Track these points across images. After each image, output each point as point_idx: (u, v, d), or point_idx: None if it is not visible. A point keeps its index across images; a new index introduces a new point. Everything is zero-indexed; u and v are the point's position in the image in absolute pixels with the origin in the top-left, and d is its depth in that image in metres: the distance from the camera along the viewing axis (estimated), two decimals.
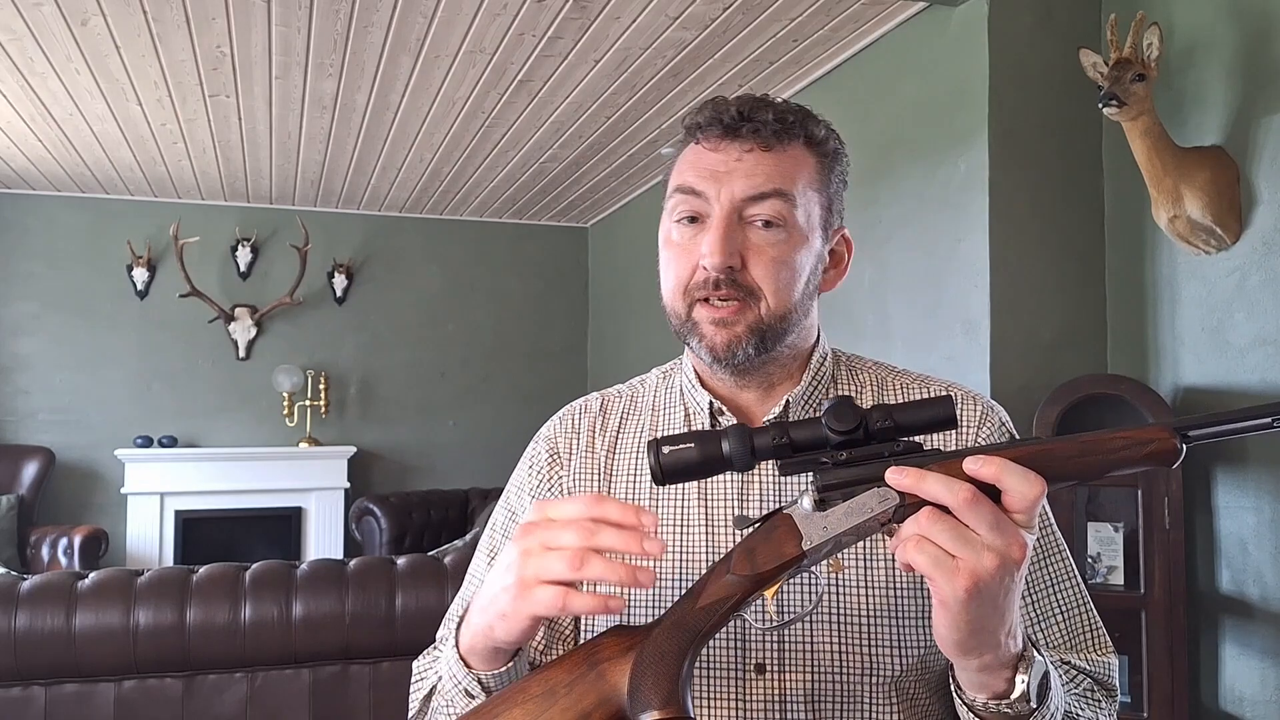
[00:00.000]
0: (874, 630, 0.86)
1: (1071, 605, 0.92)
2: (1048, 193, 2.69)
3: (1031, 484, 0.66)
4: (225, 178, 5.10)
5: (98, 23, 3.09)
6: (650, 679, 0.70)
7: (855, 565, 0.88)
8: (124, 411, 5.46)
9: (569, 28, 3.11)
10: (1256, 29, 2.28)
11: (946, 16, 2.82)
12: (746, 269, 0.88)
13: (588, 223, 6.25)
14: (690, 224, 0.90)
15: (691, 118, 0.93)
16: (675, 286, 0.91)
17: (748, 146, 0.88)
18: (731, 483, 0.93)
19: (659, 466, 0.71)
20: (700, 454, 0.71)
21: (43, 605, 2.00)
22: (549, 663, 0.75)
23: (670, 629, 0.72)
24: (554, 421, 1.04)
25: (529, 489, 1.00)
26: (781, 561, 0.71)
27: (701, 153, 0.90)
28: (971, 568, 0.64)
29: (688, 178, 0.90)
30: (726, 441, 0.71)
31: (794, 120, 0.90)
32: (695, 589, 0.73)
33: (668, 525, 0.93)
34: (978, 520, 0.65)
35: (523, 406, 5.93)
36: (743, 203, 0.88)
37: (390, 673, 2.18)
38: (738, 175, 0.88)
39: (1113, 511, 2.49)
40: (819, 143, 0.92)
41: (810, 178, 0.91)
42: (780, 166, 0.89)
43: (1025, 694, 0.71)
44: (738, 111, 0.89)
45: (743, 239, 0.88)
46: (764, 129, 0.88)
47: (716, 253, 0.86)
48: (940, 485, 0.65)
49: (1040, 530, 0.92)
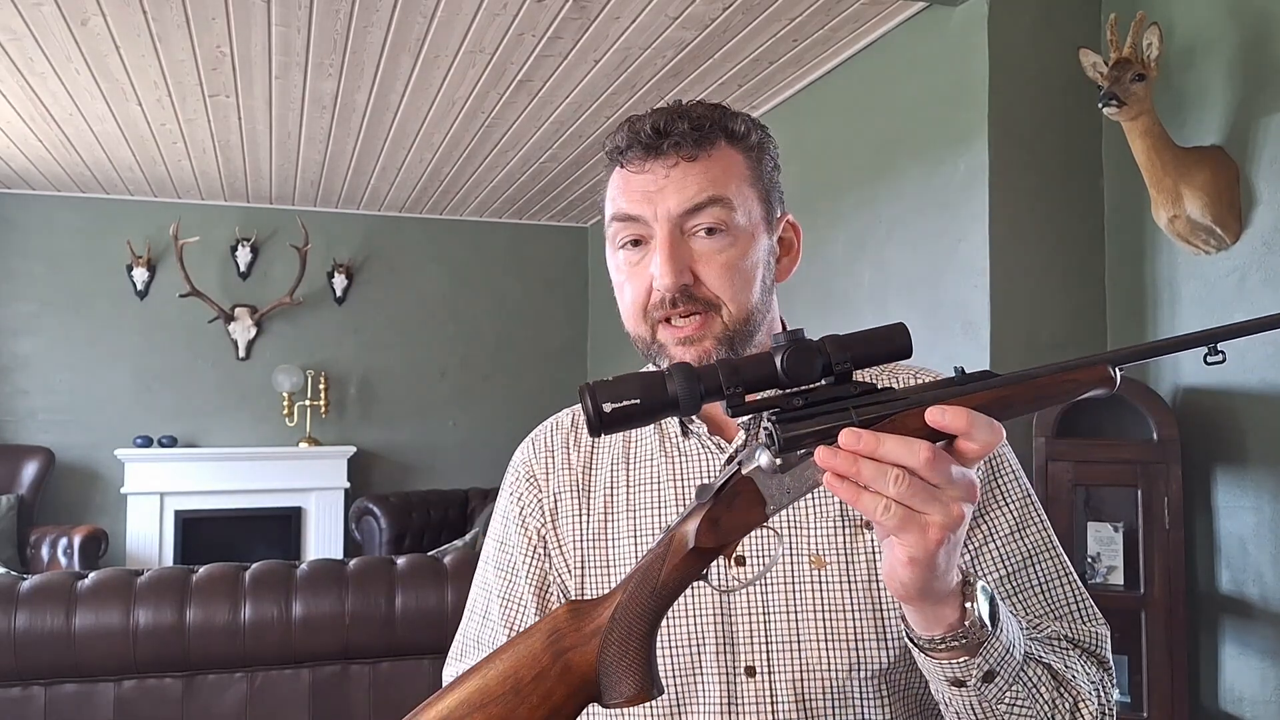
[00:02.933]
0: (859, 624, 0.87)
1: (1052, 577, 0.90)
2: (1048, 193, 2.69)
3: (994, 433, 0.66)
4: (225, 178, 5.10)
5: (98, 23, 3.09)
6: (621, 665, 0.69)
7: (837, 561, 0.88)
8: (124, 411, 5.46)
9: (569, 28, 3.11)
10: (1256, 29, 2.28)
11: (946, 16, 2.82)
12: (700, 281, 0.87)
13: (588, 223, 6.25)
14: (635, 247, 0.90)
15: (611, 141, 0.92)
16: (633, 311, 0.91)
17: (672, 161, 0.88)
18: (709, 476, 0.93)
19: (594, 413, 0.66)
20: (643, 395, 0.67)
21: (43, 605, 2.00)
22: (505, 649, 0.72)
23: (634, 611, 0.70)
24: (526, 445, 1.04)
25: (514, 518, 1.00)
26: (746, 529, 0.70)
27: (628, 176, 0.90)
28: (941, 522, 0.64)
29: (620, 204, 0.90)
30: (671, 382, 0.67)
31: (710, 123, 0.89)
32: (651, 565, 0.71)
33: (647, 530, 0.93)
34: (942, 476, 0.64)
35: (523, 406, 5.93)
36: (681, 217, 0.87)
37: (390, 673, 2.18)
38: (669, 191, 0.87)
39: (1113, 511, 2.49)
40: (741, 138, 0.91)
41: (742, 175, 0.90)
42: (709, 173, 0.88)
43: (978, 619, 0.71)
44: (653, 127, 0.88)
45: (689, 253, 0.87)
46: (684, 140, 0.87)
47: (667, 273, 0.86)
48: (900, 448, 0.64)
49: (1018, 502, 0.92)
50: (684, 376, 0.67)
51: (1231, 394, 2.32)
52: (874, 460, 0.64)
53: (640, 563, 0.72)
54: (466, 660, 1.01)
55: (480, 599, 1.02)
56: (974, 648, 0.72)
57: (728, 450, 0.93)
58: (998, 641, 0.73)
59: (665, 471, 0.95)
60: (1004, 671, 0.74)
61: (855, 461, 0.64)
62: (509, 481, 1.03)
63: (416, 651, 2.15)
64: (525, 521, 0.99)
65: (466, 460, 5.95)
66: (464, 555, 2.33)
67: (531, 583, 0.97)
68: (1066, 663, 0.82)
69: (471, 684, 0.71)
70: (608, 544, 0.95)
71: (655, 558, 0.71)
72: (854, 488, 0.65)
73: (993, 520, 0.90)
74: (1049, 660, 0.81)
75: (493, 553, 1.02)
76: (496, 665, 0.71)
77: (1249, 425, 2.29)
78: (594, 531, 0.95)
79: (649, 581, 0.71)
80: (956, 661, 0.73)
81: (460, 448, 5.99)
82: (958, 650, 0.72)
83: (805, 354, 0.67)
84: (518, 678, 0.70)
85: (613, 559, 0.94)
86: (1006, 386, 0.69)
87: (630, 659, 0.69)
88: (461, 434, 6.02)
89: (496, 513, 1.04)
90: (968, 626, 0.71)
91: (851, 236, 3.26)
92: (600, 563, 0.94)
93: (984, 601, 0.72)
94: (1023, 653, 0.76)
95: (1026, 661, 0.77)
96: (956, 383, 0.69)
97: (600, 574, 0.94)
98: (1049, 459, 2.38)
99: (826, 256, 3.35)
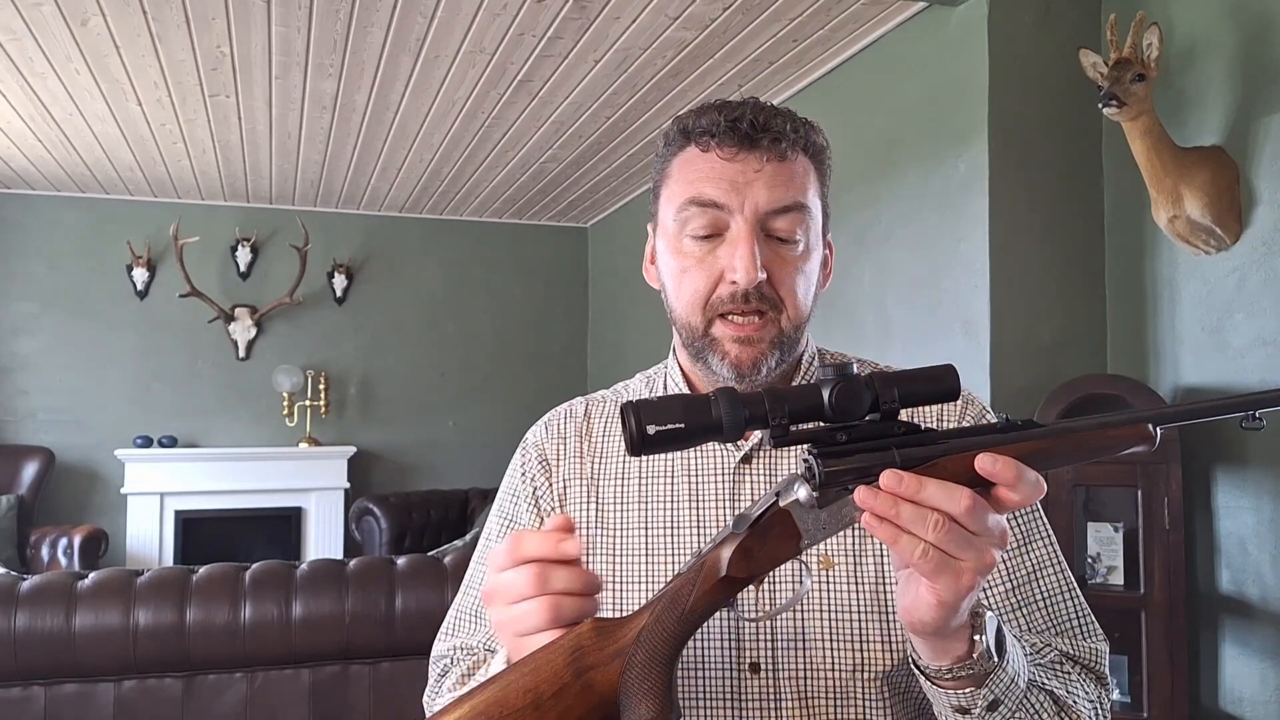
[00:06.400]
0: (864, 625, 0.87)
1: (1054, 591, 0.91)
2: (1048, 193, 2.69)
3: (1037, 489, 0.66)
4: (225, 178, 5.10)
5: (98, 23, 3.09)
6: (642, 688, 0.69)
7: (845, 561, 0.89)
8: (124, 411, 5.46)
9: (569, 28, 3.11)
10: (1256, 29, 2.28)
11: (946, 16, 2.82)
12: (771, 281, 0.87)
13: (588, 223, 6.25)
14: (707, 238, 0.88)
15: (694, 121, 0.89)
16: (693, 301, 0.89)
17: (766, 156, 0.87)
18: (723, 481, 0.93)
19: (638, 434, 0.65)
20: (686, 419, 0.66)
21: (42, 605, 2.00)
22: (527, 662, 0.71)
23: (660, 635, 0.70)
24: (539, 427, 1.04)
25: (524, 495, 1.00)
26: (777, 562, 0.70)
27: (715, 161, 0.87)
28: (974, 568, 0.65)
29: (703, 189, 0.87)
30: (715, 407, 0.66)
31: (803, 130, 0.90)
32: (681, 590, 0.70)
33: (658, 524, 0.93)
34: (980, 524, 0.64)
35: (522, 407, 5.92)
36: (765, 215, 0.87)
37: (390, 673, 2.18)
38: (759, 187, 0.86)
39: (1113, 511, 2.49)
40: (819, 152, 0.92)
41: (815, 188, 0.91)
42: (795, 178, 0.88)
43: (986, 649, 0.71)
44: (754, 119, 0.87)
45: (766, 252, 0.87)
46: (783, 139, 0.87)
47: (750, 269, 0.85)
48: (942, 493, 0.64)
49: (1024, 516, 0.92)
50: (729, 402, 0.66)
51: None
52: (914, 504, 0.64)
53: (668, 586, 0.71)
54: (459, 634, 1.00)
55: (480, 573, 1.01)
56: (980, 678, 0.72)
57: (744, 449, 0.93)
58: (1004, 673, 0.73)
59: (679, 465, 0.95)
60: (1008, 700, 0.74)
61: (895, 504, 0.64)
62: (520, 461, 1.02)
63: (416, 651, 2.15)
64: (538, 502, 0.99)
65: (466, 460, 5.96)
66: (464, 555, 2.33)
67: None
68: (1068, 688, 0.83)
69: (488, 694, 0.70)
70: (617, 535, 0.94)
71: (685, 582, 0.70)
72: (893, 529, 0.65)
73: None
74: (1051, 686, 0.81)
75: (498, 529, 1.01)
76: (515, 678, 0.70)
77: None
78: (603, 522, 0.95)
79: (677, 606, 0.70)
80: (962, 691, 0.73)
81: (460, 448, 5.99)
82: (964, 680, 0.73)
83: (854, 390, 0.67)
84: (538, 692, 0.69)
85: (621, 550, 0.94)
86: (1049, 438, 0.69)
87: (652, 682, 0.69)
88: (461, 434, 6.02)
89: (504, 490, 1.03)
90: (975, 658, 0.72)
91: (851, 236, 3.26)
92: (608, 553, 0.94)
93: (991, 631, 0.72)
94: (1027, 680, 0.77)
95: (1030, 689, 0.77)
96: (1000, 429, 0.69)
97: (607, 564, 0.94)
98: None
99: None
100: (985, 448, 0.67)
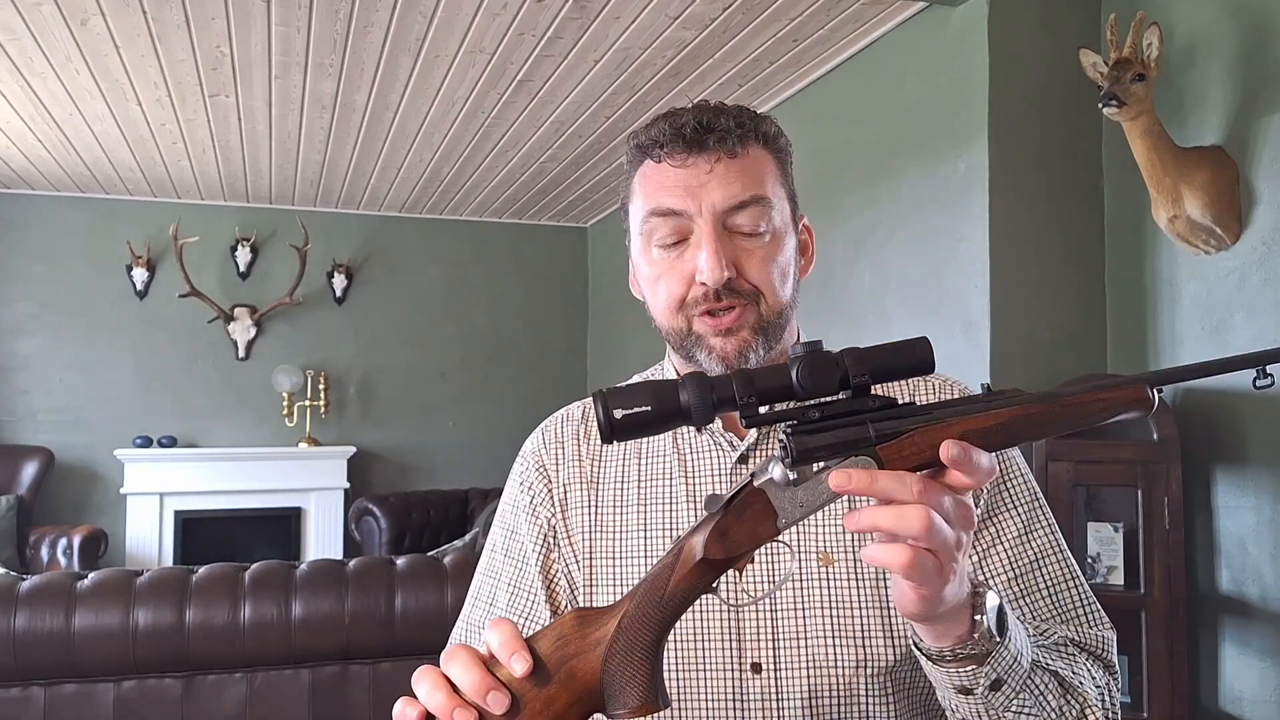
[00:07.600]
0: (866, 621, 0.87)
1: (1058, 580, 0.90)
2: (1048, 193, 2.69)
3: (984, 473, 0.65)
4: (225, 178, 5.10)
5: (97, 23, 3.09)
6: (626, 675, 0.68)
7: (845, 558, 0.88)
8: (123, 411, 5.46)
9: (569, 28, 3.11)
10: (1256, 29, 2.28)
11: (946, 16, 2.82)
12: (741, 275, 0.88)
13: (588, 223, 6.25)
14: (674, 245, 0.90)
15: (645, 135, 0.91)
16: (670, 305, 0.91)
17: (715, 157, 0.88)
18: (720, 481, 0.93)
19: (606, 420, 0.66)
20: (655, 404, 0.66)
21: (42, 605, 1.99)
22: None
23: (641, 621, 0.69)
24: (537, 435, 1.04)
25: (524, 507, 1.00)
26: (756, 543, 0.69)
27: (667, 170, 0.89)
28: (948, 555, 0.64)
29: (660, 199, 0.89)
30: (684, 392, 0.66)
31: (749, 123, 0.90)
32: (660, 575, 0.70)
33: (657, 525, 0.93)
34: (938, 505, 0.64)
35: (522, 407, 5.93)
36: (724, 213, 0.88)
37: (390, 673, 2.18)
38: (713, 186, 0.88)
39: (1113, 511, 2.49)
40: (772, 140, 0.92)
41: (774, 176, 0.91)
42: (749, 171, 0.89)
43: (987, 629, 0.71)
44: (698, 123, 0.88)
45: (731, 248, 0.88)
46: (728, 136, 0.88)
47: (715, 267, 0.86)
48: (893, 483, 0.64)
49: (1026, 505, 0.92)
50: (697, 386, 0.66)
51: (1231, 394, 2.32)
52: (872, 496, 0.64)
53: (649, 573, 0.71)
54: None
55: (486, 585, 1.01)
56: (982, 657, 0.72)
57: (739, 448, 0.93)
58: (1006, 651, 0.73)
59: (676, 467, 0.95)
60: (1011, 679, 0.74)
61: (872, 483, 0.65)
62: (519, 471, 1.03)
63: (416, 651, 2.15)
64: (535, 511, 0.99)
65: (466, 460, 5.95)
66: (464, 555, 2.33)
67: (541, 571, 0.97)
68: (1073, 669, 0.82)
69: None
70: (617, 537, 0.95)
71: (664, 568, 0.70)
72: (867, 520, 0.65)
73: (1001, 523, 0.90)
74: (1056, 667, 0.80)
75: (501, 540, 1.02)
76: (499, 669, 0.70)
77: (1249, 425, 2.29)
78: (603, 524, 0.96)
79: (656, 592, 0.70)
80: (964, 670, 0.73)
81: (460, 448, 5.99)
82: (965, 660, 0.72)
83: (822, 366, 0.67)
84: (519, 682, 0.68)
85: (621, 552, 0.94)
86: (1033, 405, 0.68)
87: (635, 670, 0.68)
88: (461, 434, 6.01)
89: (505, 501, 1.04)
90: (976, 638, 0.71)
91: (851, 237, 3.26)
92: (608, 555, 0.94)
93: (992, 611, 0.72)
94: (1030, 660, 0.76)
95: (1034, 669, 0.77)
96: (981, 400, 0.68)
97: (608, 567, 0.94)
98: (1049, 459, 2.37)
99: (826, 256, 3.34)
100: (963, 417, 0.67)
